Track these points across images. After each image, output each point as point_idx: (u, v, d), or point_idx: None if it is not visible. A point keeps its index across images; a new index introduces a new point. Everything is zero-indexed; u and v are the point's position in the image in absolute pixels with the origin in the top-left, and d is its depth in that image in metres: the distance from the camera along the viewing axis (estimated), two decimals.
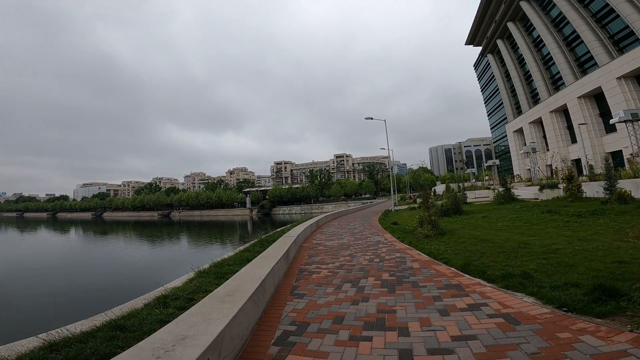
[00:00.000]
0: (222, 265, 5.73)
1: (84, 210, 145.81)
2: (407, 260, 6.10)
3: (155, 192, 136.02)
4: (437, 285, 4.35)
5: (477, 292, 3.94)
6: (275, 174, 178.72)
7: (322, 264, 6.15)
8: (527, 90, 50.55)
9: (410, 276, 4.93)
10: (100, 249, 30.25)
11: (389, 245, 8.04)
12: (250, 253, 6.79)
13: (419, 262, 5.88)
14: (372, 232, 11.22)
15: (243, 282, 3.47)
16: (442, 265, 5.56)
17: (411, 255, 6.64)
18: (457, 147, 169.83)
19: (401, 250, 7.28)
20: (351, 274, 5.22)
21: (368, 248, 7.80)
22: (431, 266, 5.55)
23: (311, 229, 11.74)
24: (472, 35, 63.97)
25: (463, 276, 4.76)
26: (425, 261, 5.98)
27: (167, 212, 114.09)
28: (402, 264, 5.85)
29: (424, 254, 6.72)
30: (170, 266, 18.03)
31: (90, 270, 18.59)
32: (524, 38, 48.47)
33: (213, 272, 5.18)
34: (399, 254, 6.85)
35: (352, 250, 7.53)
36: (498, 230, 9.73)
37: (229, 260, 6.16)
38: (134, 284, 13.20)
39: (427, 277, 4.85)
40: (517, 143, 52.72)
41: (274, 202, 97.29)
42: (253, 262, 4.65)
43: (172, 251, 25.75)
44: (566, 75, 39.61)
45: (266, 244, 7.86)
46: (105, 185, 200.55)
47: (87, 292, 13.04)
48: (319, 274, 5.37)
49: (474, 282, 4.39)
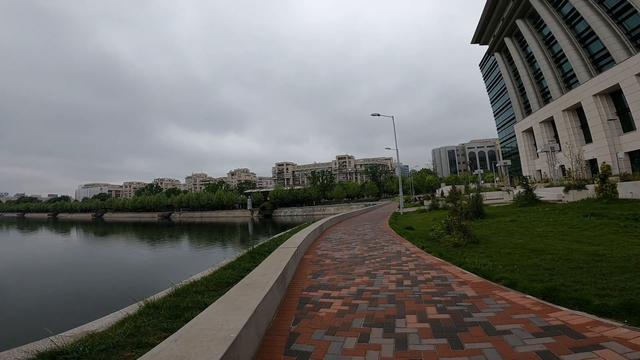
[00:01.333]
0: (186, 293, 4.03)
1: (85, 211, 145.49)
2: (451, 283, 4.40)
3: (156, 193, 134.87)
4: (532, 331, 2.67)
5: (617, 342, 2.26)
6: (277, 176, 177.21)
7: (332, 289, 4.45)
8: (537, 89, 48.75)
9: (473, 312, 3.24)
10: (85, 254, 28.55)
11: (414, 258, 6.33)
12: (234, 271, 5.13)
13: (471, 286, 4.19)
14: (386, 239, 9.52)
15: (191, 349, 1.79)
16: (509, 291, 3.87)
17: (452, 273, 4.93)
18: (461, 148, 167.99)
19: (434, 265, 5.57)
20: (378, 309, 3.53)
21: (389, 262, 6.09)
22: (492, 292, 3.85)
23: (314, 235, 10.08)
24: (479, 34, 62.33)
25: (557, 309, 3.10)
26: (477, 283, 4.28)
27: (168, 214, 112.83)
28: (446, 288, 4.15)
29: (469, 271, 5.01)
30: (152, 277, 16.36)
31: (58, 280, 16.83)
32: (533, 35, 46.75)
33: (167, 307, 3.49)
34: (435, 271, 5.14)
35: (369, 266, 5.83)
36: (542, 237, 8.02)
37: (201, 284, 4.46)
38: (103, 298, 11.56)
39: (500, 313, 3.16)
40: (526, 143, 50.89)
41: (275, 204, 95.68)
42: (228, 296, 2.96)
43: (161, 257, 24.01)
44: (580, 72, 37.85)
45: (258, 256, 6.23)
46: (106, 186, 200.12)
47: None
48: (329, 308, 3.66)
49: (587, 321, 2.72)
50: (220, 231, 52.93)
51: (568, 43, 39.35)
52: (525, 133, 51.06)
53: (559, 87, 42.58)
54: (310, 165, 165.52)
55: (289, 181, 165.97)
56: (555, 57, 43.58)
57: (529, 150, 50.18)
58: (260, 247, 7.81)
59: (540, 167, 46.14)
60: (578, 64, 38.11)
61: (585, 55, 37.87)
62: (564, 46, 39.90)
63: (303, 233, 8.61)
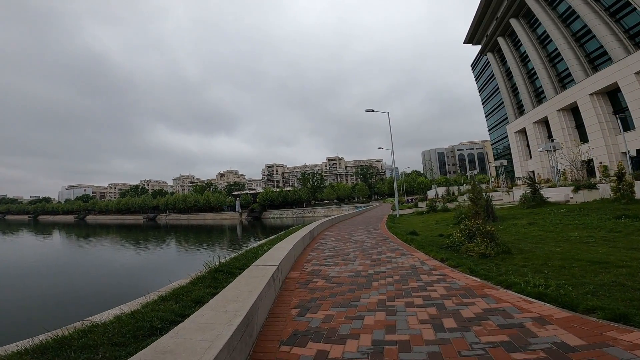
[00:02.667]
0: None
1: (67, 213, 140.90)
2: (523, 321, 2.77)
3: (142, 194, 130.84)
4: None
5: None
6: (267, 177, 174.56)
7: (331, 340, 2.73)
8: (531, 89, 48.12)
9: None
10: (56, 258, 26.11)
11: (439, 277, 4.66)
12: (175, 305, 3.34)
13: (560, 324, 2.58)
14: (391, 247, 7.86)
15: None
16: (634, 331, 2.24)
17: (510, 302, 3.30)
18: (450, 150, 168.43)
19: (474, 289, 3.91)
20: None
21: (407, 284, 4.41)
22: (607, 335, 2.25)
23: (303, 242, 8.41)
24: (472, 34, 61.72)
25: None
26: (565, 320, 2.66)
27: (153, 216, 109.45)
28: (523, 333, 2.52)
29: (533, 297, 3.40)
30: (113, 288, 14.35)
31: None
32: (527, 35, 46.12)
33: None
34: (481, 300, 3.49)
35: (379, 291, 4.14)
36: (584, 244, 6.48)
37: (102, 334, 2.64)
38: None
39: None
40: (519, 144, 50.20)
41: (265, 206, 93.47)
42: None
43: (135, 263, 21.87)
44: (576, 72, 37.17)
45: (222, 277, 4.48)
46: (91, 187, 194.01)
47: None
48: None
49: None
50: (206, 234, 50.63)
51: (563, 42, 38.70)
52: (518, 134, 50.38)
53: (554, 86, 41.91)
54: (300, 167, 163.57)
55: (278, 183, 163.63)
56: (549, 56, 42.96)
57: (522, 151, 49.50)
58: (231, 261, 5.94)
59: (534, 167, 45.39)
60: (574, 63, 37.43)
61: (581, 54, 37.21)
62: (559, 45, 39.22)
63: (289, 242, 6.85)
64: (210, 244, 35.22)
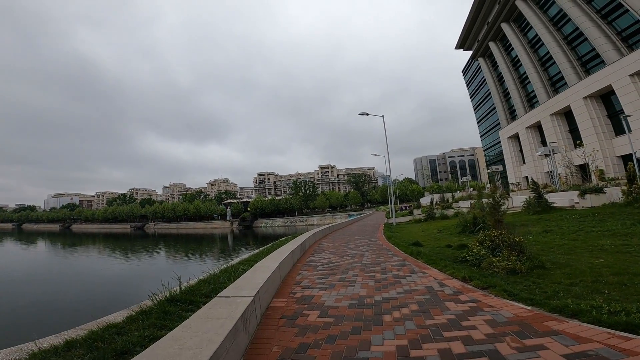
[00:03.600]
0: None
1: (52, 222, 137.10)
2: None
3: (130, 203, 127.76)
4: None
5: None
6: (259, 186, 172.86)
7: None
8: (523, 94, 47.99)
9: None
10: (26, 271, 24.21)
11: (471, 305, 3.50)
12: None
13: None
14: (395, 262, 6.70)
15: None
16: None
17: (597, 340, 2.19)
18: (442, 157, 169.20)
19: (531, 322, 2.76)
20: None
21: (431, 317, 3.23)
22: None
23: (293, 258, 7.29)
24: (463, 39, 61.87)
25: None
26: None
27: (141, 225, 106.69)
28: None
29: (621, 331, 2.31)
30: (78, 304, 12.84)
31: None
32: (519, 39, 46.14)
33: None
34: (560, 344, 2.32)
35: (396, 330, 2.95)
36: (625, 254, 5.45)
37: None
38: None
39: None
40: (512, 149, 49.86)
41: (256, 214, 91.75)
42: None
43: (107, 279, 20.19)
44: (568, 75, 36.98)
45: (174, 313, 3.22)
46: (77, 195, 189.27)
47: None
48: None
49: None
50: (195, 243, 48.82)
51: (555, 45, 38.59)
52: (510, 139, 50.09)
53: (546, 90, 41.73)
54: (292, 175, 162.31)
55: (270, 191, 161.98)
56: (541, 60, 42.88)
57: (515, 157, 49.15)
58: (197, 285, 4.56)
59: (528, 173, 45.01)
60: (566, 66, 37.26)
61: (574, 57, 37.09)
62: (551, 48, 39.11)
63: (275, 259, 5.56)
64: (200, 254, 33.59)
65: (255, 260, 6.74)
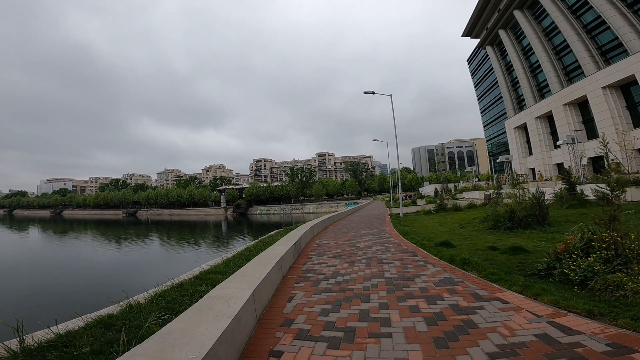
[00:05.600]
0: None
1: (43, 208, 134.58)
2: None
3: (122, 188, 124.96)
4: None
5: None
6: (255, 172, 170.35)
7: None
8: (533, 83, 45.93)
9: None
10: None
11: None
12: None
13: None
14: (436, 277, 4.71)
15: None
16: None
17: None
18: (440, 148, 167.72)
19: None
20: None
21: None
22: None
23: (281, 269, 5.13)
24: (470, 27, 59.22)
25: None
26: None
27: (134, 211, 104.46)
28: None
29: None
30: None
31: None
32: (532, 27, 43.77)
33: None
34: None
35: None
36: None
37: None
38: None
39: None
40: (518, 140, 48.04)
41: (251, 201, 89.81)
42: None
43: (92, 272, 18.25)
44: (586, 64, 35.02)
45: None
46: (71, 181, 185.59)
47: None
48: None
49: None
50: (188, 231, 46.86)
51: (573, 33, 36.50)
52: (517, 129, 48.20)
53: (560, 80, 39.74)
54: (289, 162, 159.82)
55: (266, 178, 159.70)
56: (555, 49, 40.75)
57: (521, 148, 47.34)
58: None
59: (534, 165, 43.36)
60: (584, 55, 35.31)
61: (593, 47, 35.12)
62: (568, 37, 37.03)
63: (248, 277, 3.73)
64: (194, 242, 31.71)
65: (222, 273, 4.97)
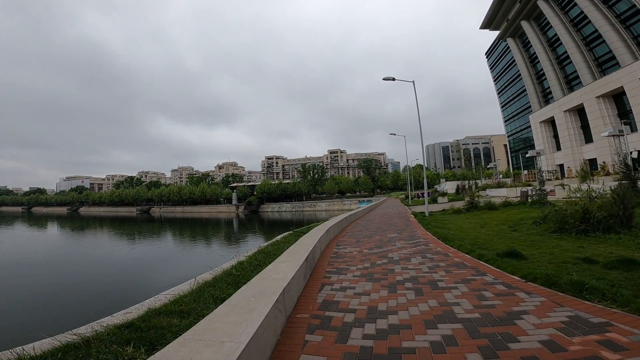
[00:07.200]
0: None
1: (61, 205, 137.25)
2: None
3: (136, 186, 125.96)
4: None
5: None
6: (267, 169, 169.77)
7: None
8: (561, 75, 43.28)
9: None
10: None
11: None
12: None
13: None
14: (557, 318, 3.05)
15: None
16: None
17: None
18: (455, 144, 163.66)
19: None
20: None
21: None
22: None
23: (283, 307, 3.26)
24: (490, 18, 56.56)
25: None
26: None
27: (147, 208, 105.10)
28: None
29: None
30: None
31: None
32: (559, 17, 41.17)
33: None
34: None
35: None
36: None
37: None
38: None
39: None
40: (544, 135, 45.43)
41: (262, 199, 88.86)
42: None
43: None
44: (621, 55, 32.67)
45: None
46: (88, 178, 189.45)
47: None
48: None
49: None
50: (200, 229, 46.01)
51: (605, 23, 34.11)
52: (543, 124, 45.61)
53: (591, 71, 37.20)
54: (301, 159, 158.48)
55: (278, 175, 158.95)
56: (586, 39, 38.17)
57: (548, 142, 44.73)
58: None
59: (563, 160, 40.82)
60: (618, 45, 33.01)
61: (629, 37, 32.64)
62: (599, 27, 34.68)
63: (232, 334, 2.12)
64: (205, 241, 30.67)
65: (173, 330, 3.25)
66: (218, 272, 6.13)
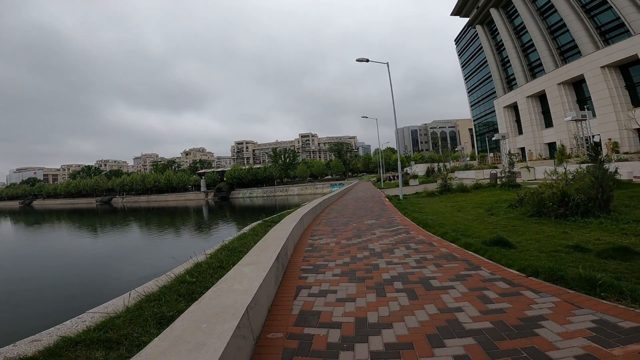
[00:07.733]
0: None
1: (12, 199, 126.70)
2: None
3: (95, 175, 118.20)
4: None
5: None
6: (237, 155, 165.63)
7: None
8: (525, 63, 44.69)
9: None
10: None
11: None
12: None
13: None
14: (582, 324, 2.65)
15: None
16: None
17: None
18: (423, 128, 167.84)
19: None
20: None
21: None
22: None
23: (250, 332, 2.54)
24: (461, 5, 57.15)
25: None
26: None
27: (108, 199, 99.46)
28: None
29: None
30: None
31: None
32: (526, 6, 42.04)
33: None
34: None
35: None
36: None
37: None
38: None
39: None
40: (507, 119, 47.24)
41: (233, 185, 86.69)
42: None
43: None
44: (584, 44, 33.96)
45: None
46: (41, 170, 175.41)
47: None
48: None
49: None
50: (168, 217, 43.92)
51: (571, 12, 35.18)
52: (507, 109, 47.33)
53: (554, 59, 38.59)
54: (272, 144, 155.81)
55: (249, 160, 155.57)
56: (550, 28, 39.35)
57: (511, 127, 46.63)
58: None
59: (524, 144, 42.74)
60: (581, 35, 34.27)
61: (592, 26, 33.98)
62: (565, 16, 35.76)
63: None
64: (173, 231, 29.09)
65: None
66: (166, 279, 4.78)
